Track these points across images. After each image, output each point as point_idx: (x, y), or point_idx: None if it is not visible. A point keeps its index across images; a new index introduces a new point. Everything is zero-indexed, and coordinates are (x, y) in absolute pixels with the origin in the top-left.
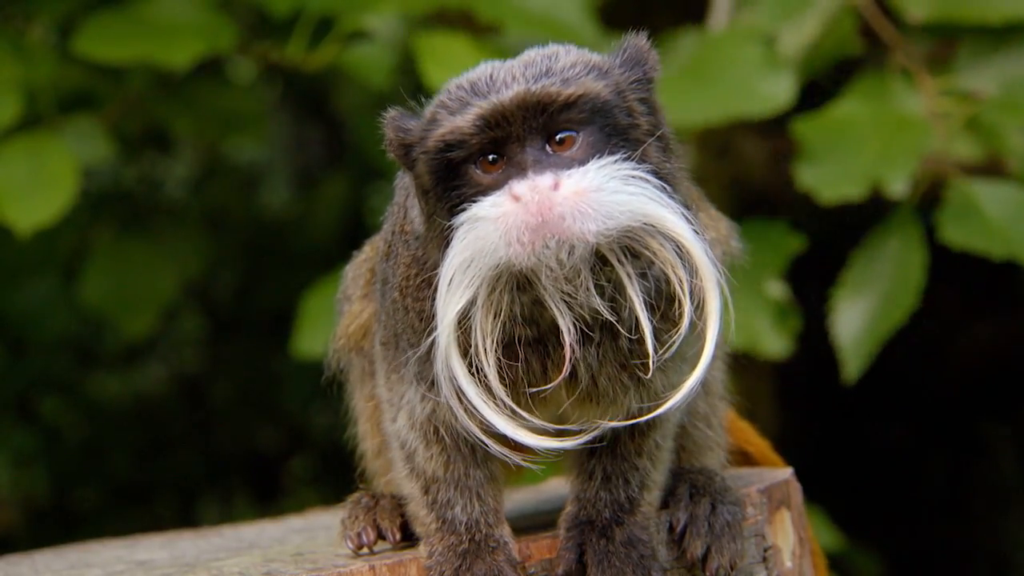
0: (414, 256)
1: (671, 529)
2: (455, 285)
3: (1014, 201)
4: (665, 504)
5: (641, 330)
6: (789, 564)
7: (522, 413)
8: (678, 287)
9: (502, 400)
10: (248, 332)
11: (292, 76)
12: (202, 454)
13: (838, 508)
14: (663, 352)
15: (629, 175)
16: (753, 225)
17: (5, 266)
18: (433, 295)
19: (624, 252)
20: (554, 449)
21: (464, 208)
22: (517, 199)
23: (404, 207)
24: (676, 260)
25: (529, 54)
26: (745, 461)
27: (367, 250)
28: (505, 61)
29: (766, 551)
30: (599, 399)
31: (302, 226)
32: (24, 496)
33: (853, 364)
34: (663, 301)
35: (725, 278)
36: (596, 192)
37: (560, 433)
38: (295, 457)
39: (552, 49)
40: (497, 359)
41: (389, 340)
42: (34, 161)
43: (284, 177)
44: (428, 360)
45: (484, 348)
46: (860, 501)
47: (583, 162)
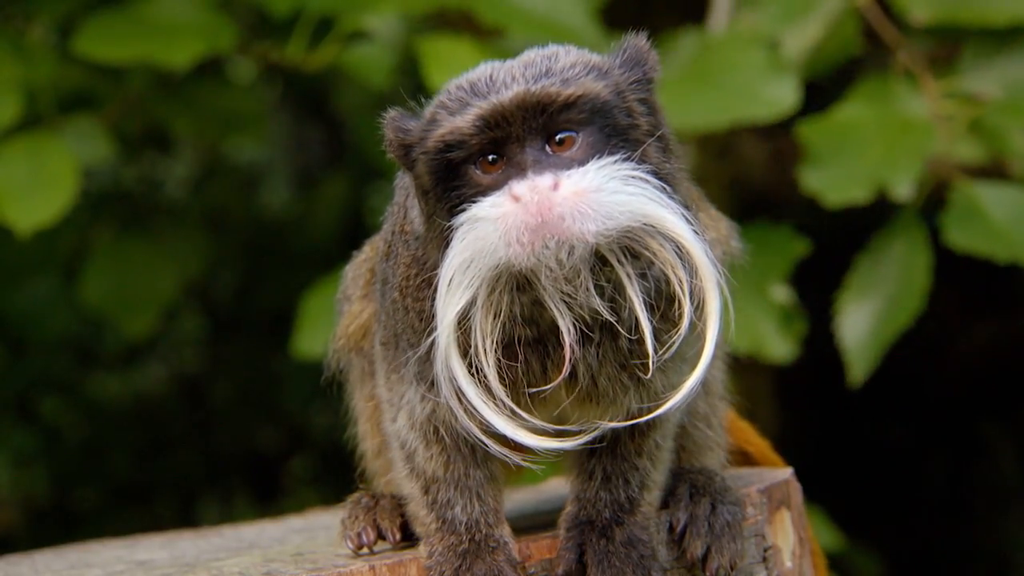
0: (414, 256)
1: (671, 529)
2: (455, 285)
3: (1018, 204)
4: (665, 504)
5: (641, 330)
6: (789, 564)
7: (522, 413)
8: (678, 287)
9: (502, 400)
10: (248, 332)
11: (292, 76)
12: (202, 454)
13: (838, 508)
14: (663, 352)
15: (629, 175)
16: (757, 229)
17: (5, 266)
18: (433, 295)
19: (624, 252)
20: (554, 449)
21: (464, 208)
22: (517, 199)
23: (404, 207)
24: (676, 260)
25: (529, 54)
26: (745, 461)
27: (367, 250)
28: (505, 61)
29: (766, 551)
30: (599, 399)
31: (302, 226)
32: (24, 496)
33: (859, 367)
34: (663, 301)
35: (725, 278)
36: (596, 192)
37: (560, 433)
38: (295, 457)
39: (552, 49)
40: (497, 359)
41: (389, 340)
42: (34, 161)
43: (284, 177)
44: (428, 360)
45: (484, 348)
46: (860, 501)
47: (583, 162)
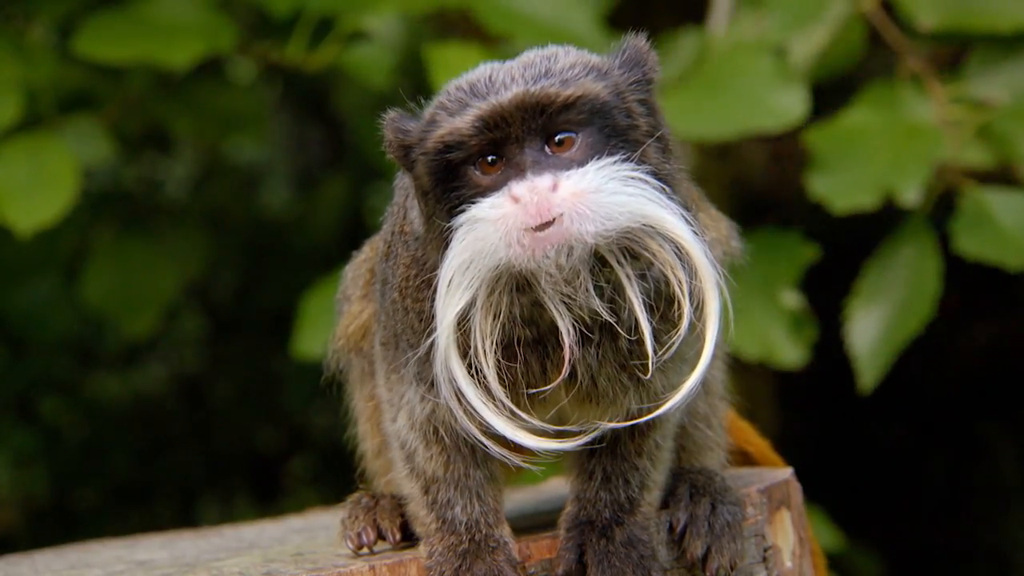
0: (414, 257)
1: (671, 529)
2: (454, 286)
3: None
4: (665, 504)
5: (640, 331)
6: (789, 564)
7: (521, 414)
8: (677, 288)
9: (501, 401)
10: (248, 332)
11: (292, 76)
12: (202, 454)
13: (838, 508)
14: (662, 353)
15: (628, 176)
16: (767, 234)
17: (6, 266)
18: (432, 296)
19: (623, 253)
20: (553, 450)
21: (463, 209)
22: (516, 200)
23: (404, 208)
24: (675, 261)
25: (528, 55)
26: (745, 461)
27: (367, 250)
28: (504, 62)
29: (766, 551)
30: (599, 400)
31: (302, 226)
32: (24, 496)
33: (869, 374)
34: (662, 302)
35: (725, 279)
36: (595, 193)
37: (559, 434)
38: (295, 457)
39: (551, 50)
40: (496, 360)
41: (389, 340)
42: (34, 161)
43: (284, 177)
44: (427, 361)
45: (483, 349)
46: (860, 501)
47: (582, 163)
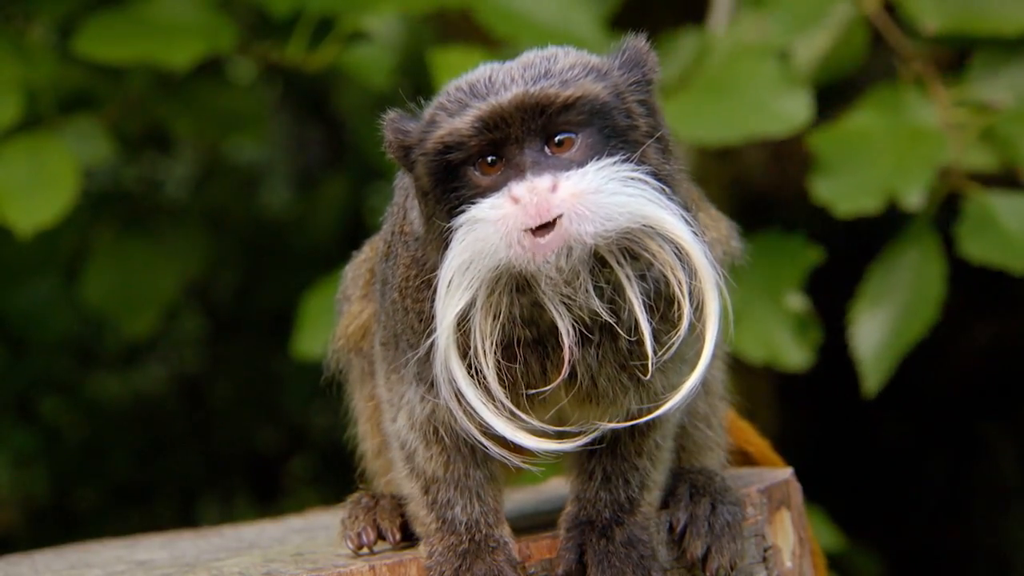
0: (413, 257)
1: (671, 529)
2: (454, 286)
3: None
4: (665, 504)
5: (640, 332)
6: (789, 564)
7: (521, 415)
8: (677, 289)
9: (501, 402)
10: (248, 332)
11: (292, 76)
12: (202, 454)
13: (838, 508)
14: (662, 353)
15: (628, 177)
16: (771, 237)
17: (6, 266)
18: (432, 296)
19: (623, 254)
20: (553, 451)
21: (463, 210)
22: (516, 201)
23: (404, 208)
24: (675, 262)
25: (528, 56)
26: (745, 461)
27: (367, 250)
28: (504, 63)
29: (766, 551)
30: (599, 400)
31: (302, 226)
32: (24, 496)
33: (874, 378)
34: (662, 302)
35: (725, 279)
36: (594, 194)
37: (559, 435)
38: (295, 457)
39: (551, 51)
40: (496, 360)
41: (389, 340)
42: (34, 161)
43: (284, 177)
44: (427, 361)
45: (483, 350)
46: (860, 501)
47: (582, 164)
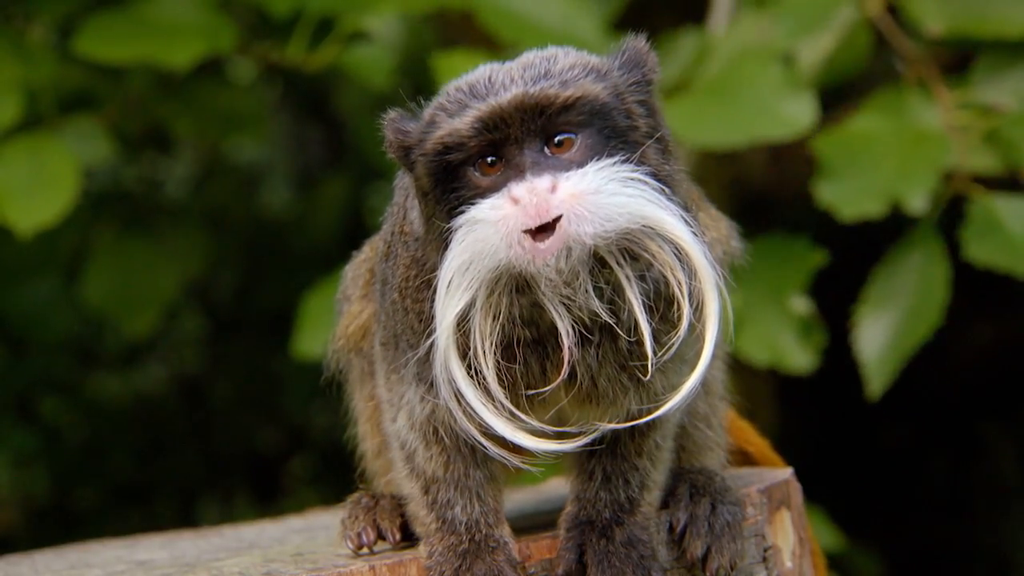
0: (413, 257)
1: (671, 529)
2: (454, 287)
3: None
4: (665, 504)
5: (640, 332)
6: (789, 564)
7: (521, 415)
8: (677, 289)
9: (501, 402)
10: (248, 332)
11: (292, 76)
12: (202, 454)
13: (838, 508)
14: (662, 354)
15: (628, 177)
16: (775, 240)
17: (6, 266)
18: (432, 297)
19: (623, 254)
20: (553, 451)
21: (463, 210)
22: (516, 201)
23: (404, 208)
24: (675, 262)
25: (528, 56)
26: (745, 461)
27: (367, 250)
28: (504, 63)
29: (766, 551)
30: (599, 400)
31: (302, 226)
32: (24, 496)
33: (877, 381)
34: (662, 303)
35: (724, 280)
36: (594, 194)
37: (559, 435)
38: (295, 457)
39: (551, 51)
40: (496, 361)
41: (388, 341)
42: (35, 161)
43: (284, 177)
44: (427, 361)
45: (483, 350)
46: (860, 501)
47: (581, 164)
